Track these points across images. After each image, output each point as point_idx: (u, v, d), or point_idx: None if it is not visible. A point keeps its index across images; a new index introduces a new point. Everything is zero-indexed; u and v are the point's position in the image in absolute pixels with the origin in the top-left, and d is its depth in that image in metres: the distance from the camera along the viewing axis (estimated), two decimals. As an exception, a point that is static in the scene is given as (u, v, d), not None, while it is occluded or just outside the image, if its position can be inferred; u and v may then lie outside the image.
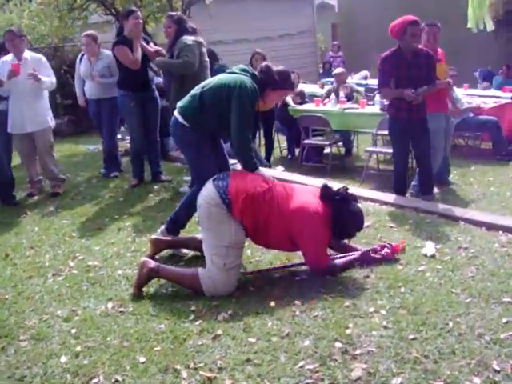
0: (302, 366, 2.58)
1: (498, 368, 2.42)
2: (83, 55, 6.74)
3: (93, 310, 3.40)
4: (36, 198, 6.14)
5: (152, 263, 3.48)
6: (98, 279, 3.83)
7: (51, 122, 6.08)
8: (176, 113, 3.94)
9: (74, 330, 3.16)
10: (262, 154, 8.06)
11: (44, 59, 5.92)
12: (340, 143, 8.40)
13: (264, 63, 3.84)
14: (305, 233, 3.39)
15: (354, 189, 5.59)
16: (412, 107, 5.00)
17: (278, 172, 6.62)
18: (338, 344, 2.73)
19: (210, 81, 3.90)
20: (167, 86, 5.93)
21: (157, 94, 6.26)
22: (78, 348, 2.96)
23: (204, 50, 5.70)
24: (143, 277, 3.47)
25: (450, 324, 2.81)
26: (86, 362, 2.83)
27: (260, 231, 3.45)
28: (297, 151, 8.34)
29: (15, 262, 4.29)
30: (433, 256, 3.67)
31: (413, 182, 5.69)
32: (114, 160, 6.79)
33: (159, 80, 6.77)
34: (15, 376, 2.78)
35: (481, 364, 2.47)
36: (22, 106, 5.75)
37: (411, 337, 2.72)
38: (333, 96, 7.92)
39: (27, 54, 5.80)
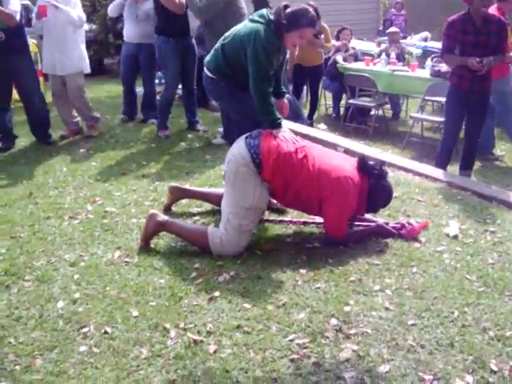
0: (291, 340, 2.49)
1: (495, 368, 2.27)
2: None
3: (100, 257, 3.39)
4: (70, 139, 6.16)
5: (160, 216, 3.41)
6: (111, 226, 3.81)
7: (84, 66, 5.97)
8: (204, 67, 3.85)
9: (76, 276, 3.16)
10: (307, 110, 7.89)
11: (72, 12, 5.68)
12: (388, 106, 8.10)
13: (278, 5, 3.52)
14: (334, 197, 3.24)
15: (392, 156, 5.40)
16: (475, 77, 4.69)
17: (317, 131, 6.40)
18: (333, 320, 2.62)
19: (231, 32, 3.71)
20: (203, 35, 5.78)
21: (194, 41, 6.10)
22: (77, 294, 2.96)
23: None
24: (150, 230, 3.41)
25: (456, 313, 2.65)
26: (81, 309, 2.83)
27: (289, 192, 3.32)
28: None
29: (37, 201, 4.32)
30: (455, 237, 3.47)
31: None
32: (153, 106, 6.70)
33: (200, 30, 6.59)
34: (13, 316, 2.80)
35: (478, 361, 2.31)
36: (53, 48, 5.71)
37: (411, 322, 2.58)
38: (383, 56, 7.56)
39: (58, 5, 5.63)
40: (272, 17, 3.47)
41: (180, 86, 6.59)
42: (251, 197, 3.23)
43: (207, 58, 3.85)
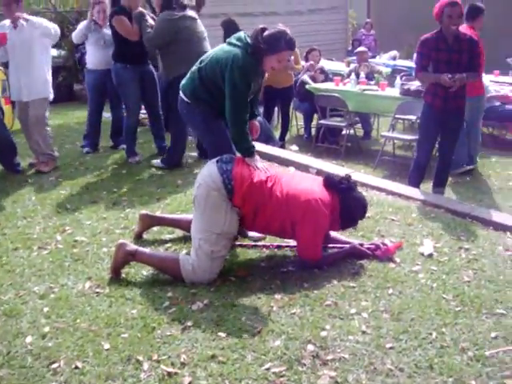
0: (267, 369, 2.43)
1: (475, 389, 2.24)
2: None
3: (70, 288, 3.30)
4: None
5: (129, 246, 3.34)
6: (81, 256, 3.72)
7: (49, 93, 5.80)
8: (180, 91, 3.81)
9: (46, 309, 3.06)
10: (279, 131, 7.91)
11: (35, 19, 5.61)
12: (359, 125, 8.16)
13: (256, 28, 3.48)
14: (305, 219, 3.22)
15: (364, 175, 5.41)
16: (449, 95, 4.73)
17: (289, 153, 6.40)
18: (310, 347, 2.56)
19: (208, 55, 3.69)
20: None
21: (151, 66, 6.09)
22: (47, 328, 2.87)
23: (189, 24, 5.31)
24: (119, 260, 3.33)
25: (434, 334, 2.62)
26: (50, 344, 2.73)
27: (259, 219, 3.28)
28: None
29: (5, 232, 4.21)
30: (430, 255, 3.46)
31: None
32: (122, 132, 6.61)
33: None
34: (-21, 353, 2.70)
35: (458, 383, 2.28)
36: (19, 73, 5.58)
37: (389, 345, 2.54)
38: (353, 76, 7.64)
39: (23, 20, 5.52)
40: (249, 40, 3.43)
41: (144, 111, 6.54)
42: (222, 222, 3.19)
43: (183, 82, 3.80)
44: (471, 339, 2.58)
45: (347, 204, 3.36)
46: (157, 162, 5.80)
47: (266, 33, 3.42)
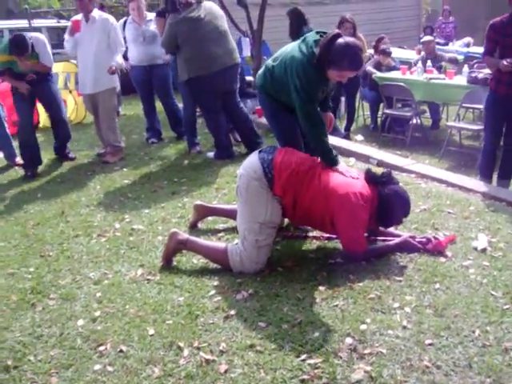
0: (303, 360, 2.44)
1: (513, 391, 2.16)
2: (126, 21, 6.58)
3: (123, 275, 3.44)
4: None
5: (180, 235, 3.42)
6: (137, 244, 3.86)
7: (114, 83, 6.02)
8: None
9: (99, 294, 3.21)
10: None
11: (111, 20, 5.87)
12: (427, 114, 7.95)
13: (328, 35, 3.34)
14: (343, 212, 3.19)
15: (425, 166, 5.28)
16: None
17: (350, 143, 6.32)
18: (348, 340, 2.55)
19: (280, 54, 3.66)
20: None
21: None
22: (98, 313, 3.01)
23: (189, 26, 5.30)
24: (171, 249, 3.43)
25: (477, 332, 2.54)
26: (99, 327, 2.87)
27: (298, 209, 3.29)
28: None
29: (68, 220, 4.44)
30: (483, 250, 3.33)
31: None
32: (180, 121, 6.74)
33: None
34: (35, 334, 2.87)
35: (496, 383, 2.20)
36: (87, 65, 5.81)
37: (428, 342, 2.48)
38: (419, 64, 7.42)
39: (96, 13, 5.81)
40: (315, 50, 3.34)
41: None
42: (264, 212, 3.21)
43: (258, 74, 3.87)
44: (516, 339, 2.49)
45: (387, 198, 3.28)
46: (210, 154, 5.89)
47: (336, 42, 3.27)
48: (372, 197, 3.26)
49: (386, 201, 3.29)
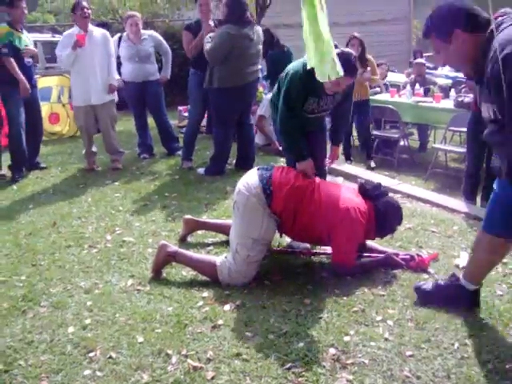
0: (288, 368, 2.52)
1: (490, 401, 2.25)
2: (121, 37, 6.65)
3: (114, 284, 3.50)
4: (99, 169, 6.37)
5: (170, 247, 3.50)
6: (127, 255, 3.92)
7: (115, 95, 6.20)
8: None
9: (89, 303, 3.26)
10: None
11: (107, 34, 6.03)
12: (415, 136, 8.10)
13: None
14: (342, 225, 3.29)
15: (410, 187, 5.41)
16: None
17: (338, 163, 6.43)
18: (332, 350, 2.63)
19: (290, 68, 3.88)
20: None
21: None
22: (88, 320, 3.06)
23: (245, 44, 5.47)
24: (160, 261, 3.51)
25: (456, 345, 2.63)
26: (89, 334, 2.92)
27: (297, 224, 3.39)
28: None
29: (60, 231, 4.49)
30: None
31: None
32: (173, 138, 6.84)
33: None
34: (25, 340, 2.91)
35: (473, 394, 2.30)
36: (89, 77, 5.90)
37: (409, 353, 2.57)
38: (408, 87, 7.59)
39: (91, 27, 5.95)
40: None
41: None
42: (259, 228, 3.30)
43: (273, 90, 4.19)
44: (493, 352, 2.57)
45: (382, 209, 3.42)
46: (200, 170, 5.99)
47: None
48: (367, 210, 3.37)
49: (384, 213, 3.43)
